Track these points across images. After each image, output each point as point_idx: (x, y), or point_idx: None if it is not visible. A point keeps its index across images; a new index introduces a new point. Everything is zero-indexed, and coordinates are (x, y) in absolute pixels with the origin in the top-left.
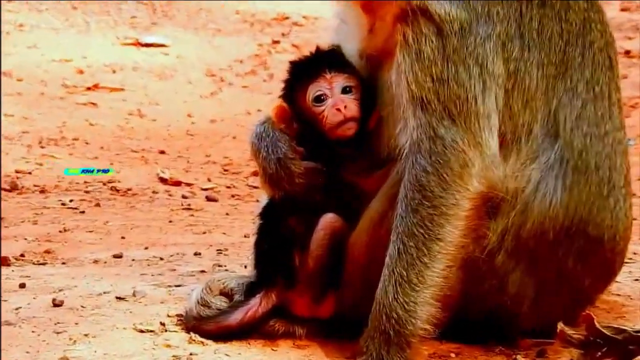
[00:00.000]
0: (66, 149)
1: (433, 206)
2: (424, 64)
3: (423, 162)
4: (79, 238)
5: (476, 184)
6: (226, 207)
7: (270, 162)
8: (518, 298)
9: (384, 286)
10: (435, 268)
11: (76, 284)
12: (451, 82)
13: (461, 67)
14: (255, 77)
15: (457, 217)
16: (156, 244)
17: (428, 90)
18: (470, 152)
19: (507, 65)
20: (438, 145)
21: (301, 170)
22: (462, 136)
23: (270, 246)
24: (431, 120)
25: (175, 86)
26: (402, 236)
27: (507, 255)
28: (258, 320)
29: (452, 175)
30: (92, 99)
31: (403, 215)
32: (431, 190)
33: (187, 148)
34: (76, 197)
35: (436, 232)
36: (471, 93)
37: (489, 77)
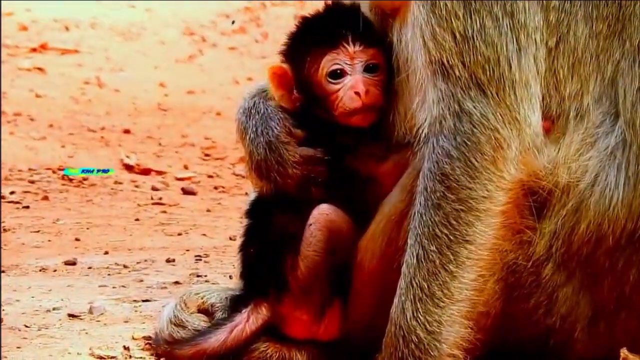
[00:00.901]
0: (6, 126)
1: (459, 200)
2: (442, 17)
3: (446, 145)
4: (22, 240)
5: (513, 170)
6: (207, 202)
7: (259, 146)
8: (570, 318)
9: (401, 302)
10: (464, 278)
11: (18, 298)
12: (477, 41)
13: (488, 20)
14: (245, 36)
15: (490, 213)
16: (119, 248)
17: (450, 51)
18: (504, 131)
19: (547, 16)
20: (464, 122)
21: (296, 158)
22: (495, 110)
23: (258, 250)
24: (455, 90)
25: (143, 48)
26: (421, 238)
27: (557, 265)
28: (245, 342)
29: (482, 160)
30: (39, 63)
31: (422, 212)
32: (456, 180)
33: (158, 127)
34: (18, 189)
35: (464, 233)
36: (503, 54)
37: (523, 32)
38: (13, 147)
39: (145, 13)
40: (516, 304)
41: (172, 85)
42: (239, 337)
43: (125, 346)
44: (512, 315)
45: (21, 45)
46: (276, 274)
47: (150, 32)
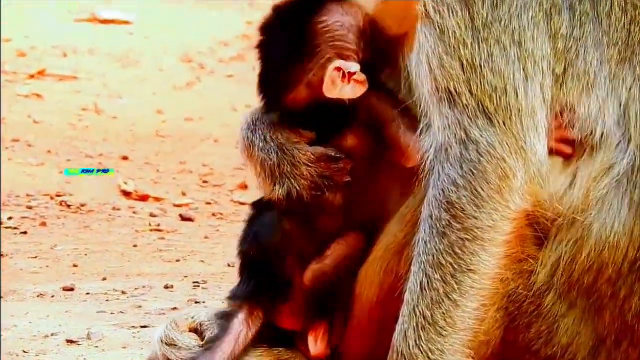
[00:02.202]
0: (4, 152)
1: (464, 229)
2: (449, 45)
3: (452, 173)
4: (20, 266)
5: (518, 200)
6: (205, 229)
7: (270, 152)
8: (572, 349)
9: (403, 330)
10: (468, 307)
11: (16, 324)
12: (485, 69)
13: (496, 48)
14: (243, 63)
15: (495, 242)
16: (117, 275)
17: (457, 79)
18: (511, 160)
19: (555, 44)
20: (471, 151)
21: (308, 156)
22: (501, 139)
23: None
24: (462, 118)
25: (142, 75)
26: (425, 266)
27: (558, 295)
28: None
29: (488, 190)
30: (37, 89)
31: (427, 240)
32: (462, 209)
33: (156, 153)
34: (16, 214)
35: (468, 262)
36: (510, 83)
37: (530, 61)
38: (11, 173)
39: (144, 40)
40: (517, 333)
41: (170, 112)
42: (245, 343)
43: None
44: (512, 344)
45: (19, 71)
46: (277, 280)
47: (149, 59)
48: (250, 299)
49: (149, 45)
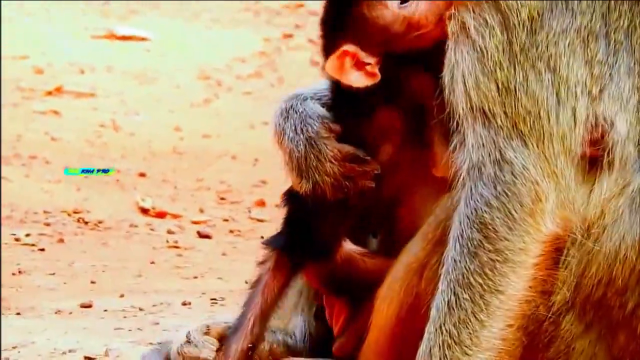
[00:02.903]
0: (21, 169)
1: (496, 250)
2: (487, 66)
3: (486, 193)
4: (37, 282)
5: (549, 224)
6: (223, 246)
7: (299, 144)
8: None
9: (429, 347)
10: (494, 327)
11: (34, 340)
12: (519, 93)
13: (531, 73)
14: (261, 80)
15: (524, 265)
16: (134, 291)
17: (492, 100)
18: (544, 184)
19: (591, 69)
20: (505, 172)
21: (334, 153)
22: (535, 162)
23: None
24: (497, 139)
25: (158, 91)
26: (454, 285)
27: (576, 315)
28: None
29: (521, 212)
30: (54, 106)
31: (458, 259)
32: (495, 230)
33: (173, 170)
34: (34, 231)
35: (497, 283)
36: (543, 107)
37: (564, 87)
38: (28, 190)
39: (161, 57)
40: (536, 352)
41: (188, 129)
42: (273, 292)
43: None
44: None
45: (36, 88)
46: (313, 239)
47: (166, 76)
48: (282, 248)
49: (166, 62)
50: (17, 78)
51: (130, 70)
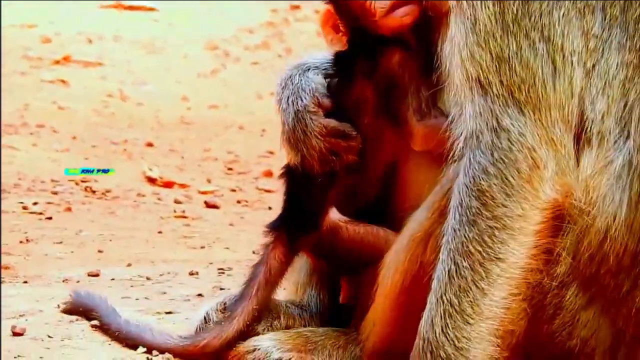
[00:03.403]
0: (29, 138)
1: (494, 217)
2: (480, 37)
3: (483, 161)
4: (45, 251)
5: (549, 190)
6: (230, 216)
7: (289, 116)
8: (591, 342)
9: (430, 317)
10: (495, 296)
11: (41, 308)
12: (513, 61)
13: (525, 42)
14: (268, 51)
15: (524, 232)
16: (142, 261)
17: (487, 70)
18: (541, 151)
19: (587, 41)
20: (502, 139)
21: (320, 128)
22: (532, 130)
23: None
24: (493, 107)
25: (166, 61)
26: (454, 254)
27: (579, 287)
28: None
29: (519, 179)
30: (62, 75)
31: (456, 227)
32: (492, 197)
33: (181, 140)
34: (41, 199)
35: (497, 251)
36: (538, 76)
37: (558, 55)
38: (36, 159)
39: (168, 27)
40: (541, 323)
41: (195, 99)
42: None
43: (149, 358)
44: (536, 335)
45: (44, 57)
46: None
47: (173, 46)
48: (279, 226)
49: (173, 32)
50: (25, 47)
51: (138, 40)
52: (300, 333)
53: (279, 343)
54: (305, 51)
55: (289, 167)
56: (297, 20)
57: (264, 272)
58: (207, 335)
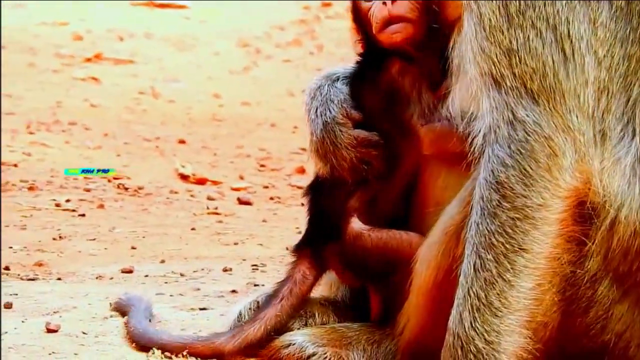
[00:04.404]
0: (61, 135)
1: (514, 208)
2: (488, 31)
3: (501, 153)
4: (78, 247)
5: (568, 178)
6: (263, 212)
7: (317, 127)
8: (625, 336)
9: (459, 312)
10: (522, 287)
11: (75, 305)
12: (522, 52)
13: (531, 33)
14: (300, 48)
15: (546, 221)
16: (175, 257)
17: (498, 63)
18: (558, 139)
19: (594, 29)
20: (518, 130)
21: (350, 140)
22: (548, 118)
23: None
24: (508, 99)
25: (198, 59)
26: (478, 248)
27: (612, 281)
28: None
29: (537, 168)
30: (94, 72)
31: (479, 221)
32: (511, 188)
33: (213, 137)
34: (74, 197)
35: (520, 241)
36: (548, 65)
37: (567, 43)
38: (68, 156)
39: (200, 24)
40: (574, 317)
41: (227, 96)
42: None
43: (183, 354)
44: (569, 328)
45: (76, 55)
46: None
47: (204, 43)
48: (304, 247)
49: (205, 30)
50: (56, 45)
51: (169, 37)
52: (335, 328)
53: (314, 338)
54: (336, 48)
55: (312, 183)
56: (328, 17)
57: (289, 284)
58: (225, 337)
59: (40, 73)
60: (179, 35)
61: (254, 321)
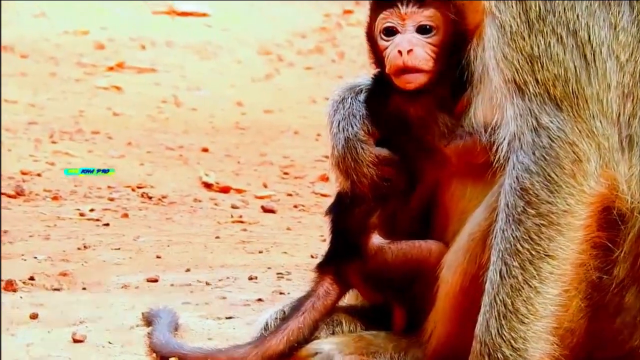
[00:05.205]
0: (84, 144)
1: (539, 214)
2: (509, 38)
3: (525, 160)
4: (103, 257)
5: (593, 183)
6: (287, 220)
7: (339, 142)
8: None
9: (485, 319)
10: (548, 294)
11: (101, 315)
12: (544, 58)
13: (552, 39)
14: (322, 55)
15: (571, 227)
16: (200, 266)
17: (520, 70)
18: (582, 145)
19: (615, 34)
20: (543, 137)
21: (371, 157)
22: (572, 124)
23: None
24: (532, 106)
25: (220, 67)
26: (503, 254)
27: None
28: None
29: (561, 174)
30: (116, 81)
31: (504, 228)
32: (536, 195)
33: (236, 145)
34: (98, 206)
35: (545, 248)
36: (570, 70)
37: (588, 49)
38: (92, 165)
39: (221, 32)
40: (601, 323)
41: (249, 104)
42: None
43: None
44: (597, 334)
45: (98, 63)
46: (347, 243)
47: (227, 51)
48: (327, 265)
49: (226, 37)
50: (78, 54)
51: (191, 45)
52: (362, 336)
53: (341, 346)
54: (358, 55)
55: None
56: (349, 24)
57: (312, 299)
58: (246, 348)
59: (62, 82)
60: (201, 43)
61: (275, 333)
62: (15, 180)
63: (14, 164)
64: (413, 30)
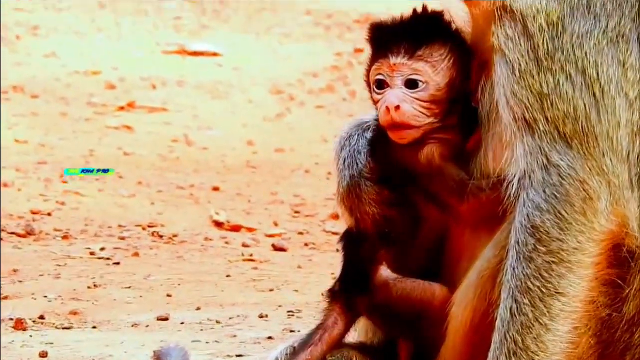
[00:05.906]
0: (95, 184)
1: (550, 252)
2: (518, 75)
3: (536, 198)
4: (114, 296)
5: (604, 221)
6: (298, 259)
7: (344, 179)
8: None
9: (495, 356)
10: (559, 331)
11: (111, 354)
12: (554, 96)
13: (562, 76)
14: (333, 95)
15: (582, 265)
16: (211, 304)
17: (530, 107)
18: (593, 182)
19: (625, 71)
20: (553, 175)
21: (373, 195)
22: (582, 162)
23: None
24: (542, 144)
25: (231, 106)
26: (514, 292)
27: None
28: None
29: (572, 212)
30: (127, 121)
31: (514, 265)
32: (547, 232)
33: (247, 184)
34: (109, 245)
35: (556, 285)
36: (580, 109)
37: (597, 86)
38: (103, 204)
39: (233, 72)
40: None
41: (261, 143)
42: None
43: None
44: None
45: (109, 103)
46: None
47: (238, 90)
48: (337, 293)
49: (238, 77)
50: (89, 93)
51: (202, 85)
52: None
53: None
54: None
55: (347, 230)
56: (360, 63)
57: (321, 331)
58: None
59: (73, 122)
60: (212, 82)
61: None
62: (26, 219)
63: (25, 204)
64: (401, 85)
